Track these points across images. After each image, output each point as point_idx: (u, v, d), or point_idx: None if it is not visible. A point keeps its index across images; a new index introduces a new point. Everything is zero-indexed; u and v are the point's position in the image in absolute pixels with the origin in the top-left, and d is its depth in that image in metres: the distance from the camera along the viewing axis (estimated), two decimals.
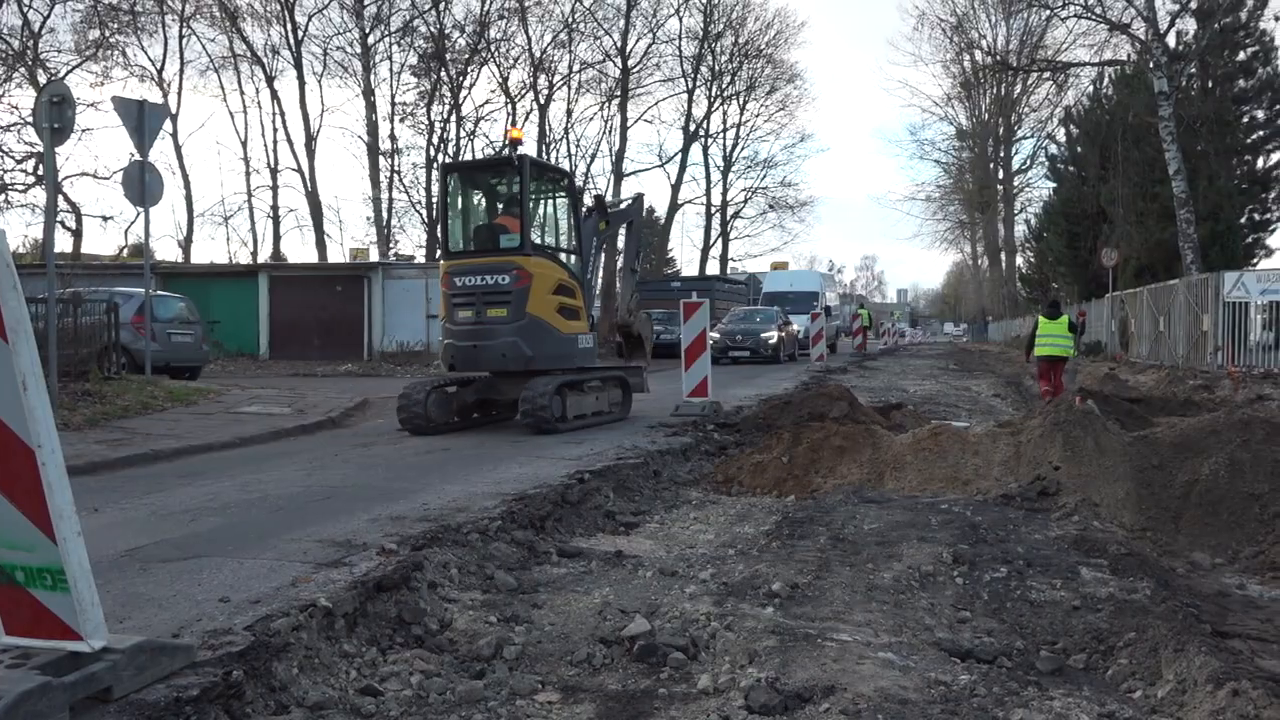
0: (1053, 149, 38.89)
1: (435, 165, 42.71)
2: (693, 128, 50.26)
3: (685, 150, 49.87)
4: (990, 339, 65.19)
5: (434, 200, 43.11)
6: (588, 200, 11.86)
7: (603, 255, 12.12)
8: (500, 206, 10.59)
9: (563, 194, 11.15)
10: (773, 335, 25.14)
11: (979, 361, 31.20)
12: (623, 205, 12.36)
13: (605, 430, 9.78)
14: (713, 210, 54.57)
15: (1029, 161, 54.57)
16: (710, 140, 53.69)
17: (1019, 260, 54.06)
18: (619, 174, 44.02)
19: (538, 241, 10.21)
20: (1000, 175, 55.93)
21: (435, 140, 43.27)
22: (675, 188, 49.83)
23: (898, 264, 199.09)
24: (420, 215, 44.60)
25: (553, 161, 41.20)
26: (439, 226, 10.78)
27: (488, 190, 10.89)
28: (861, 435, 7.45)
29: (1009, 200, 54.11)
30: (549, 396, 9.68)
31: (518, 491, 6.07)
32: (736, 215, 56.13)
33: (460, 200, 10.73)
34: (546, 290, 10.04)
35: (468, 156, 45.30)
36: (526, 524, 5.38)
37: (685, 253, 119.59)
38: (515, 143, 10.53)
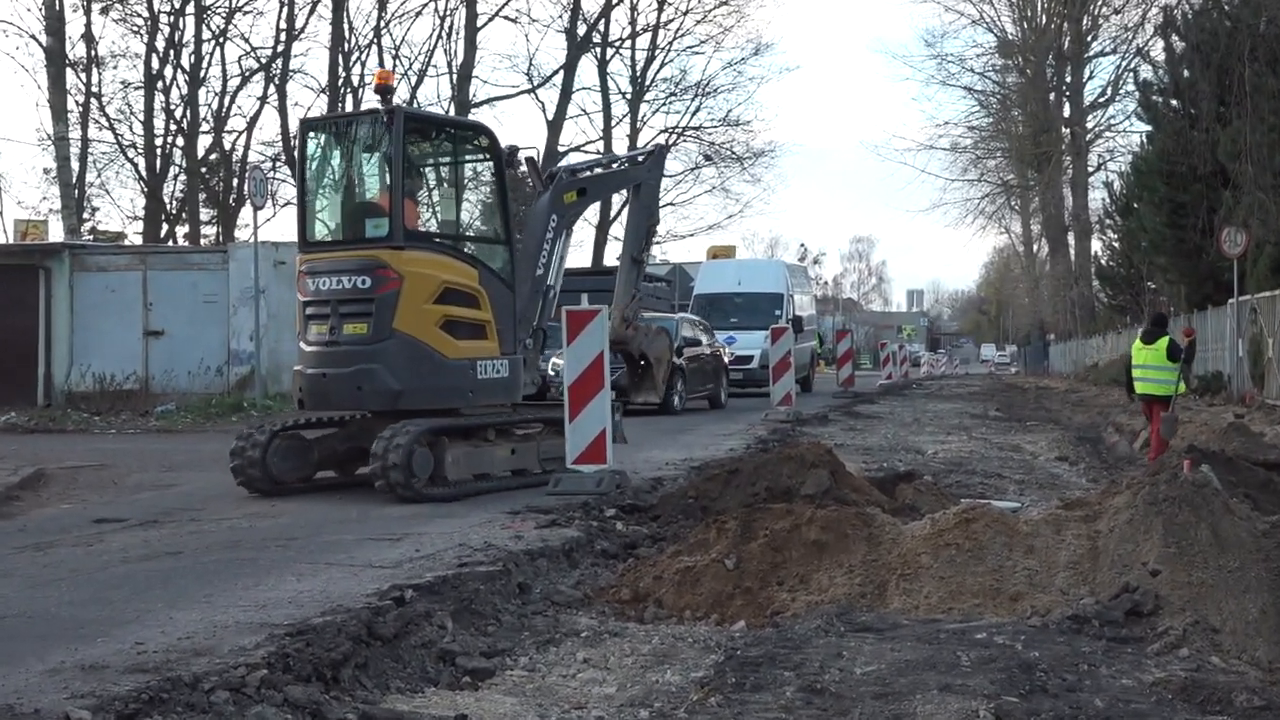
0: (1146, 72, 39.91)
1: (160, 88, 42.07)
2: (582, 31, 50.58)
3: (570, 67, 50.15)
4: (1053, 369, 66.80)
5: (160, 143, 42.41)
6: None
7: (565, 244, 13.03)
8: (380, 179, 11.53)
9: (478, 158, 12.22)
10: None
11: (1035, 404, 31.95)
12: (613, 165, 13.11)
13: (440, 518, 9.73)
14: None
15: (1110, 91, 56.24)
16: (611, 52, 54.11)
17: (1096, 245, 55.48)
18: (463, 102, 44.01)
19: (427, 228, 11.29)
20: (1066, 112, 57.52)
21: (160, 44, 42.60)
22: (555, 125, 50.04)
23: (907, 251, 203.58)
24: (135, 168, 43.81)
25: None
26: (297, 205, 12.12)
27: (362, 156, 11.74)
28: (851, 524, 7.53)
29: (1080, 152, 55.63)
30: (404, 450, 10.23)
31: (294, 621, 5.98)
32: None
33: (325, 170, 11.77)
34: (424, 298, 10.87)
35: (216, 71, 44.88)
36: (310, 674, 5.29)
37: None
38: (383, 89, 11.38)
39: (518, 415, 12.00)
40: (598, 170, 13.47)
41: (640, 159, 13.96)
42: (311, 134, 11.91)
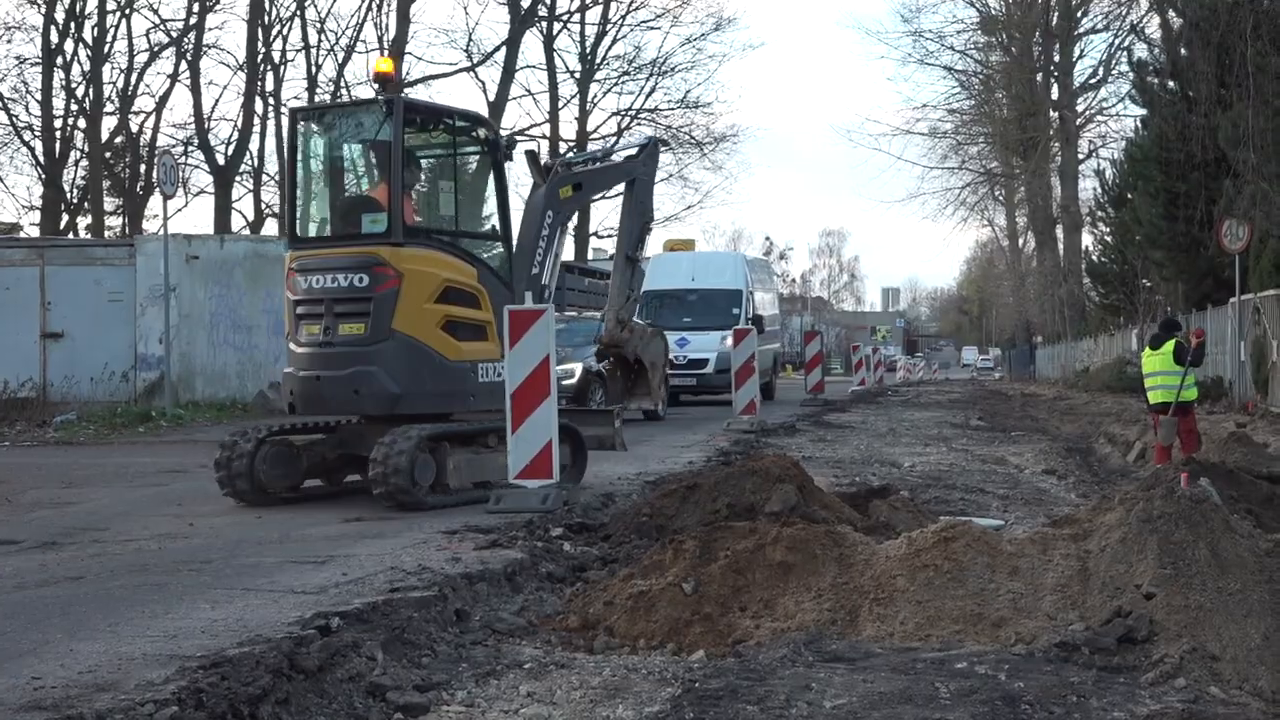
0: (1140, 51, 40.09)
1: (60, 64, 41.70)
2: (527, 3, 50.50)
3: (514, 43, 50.11)
4: (1040, 374, 67.22)
5: (60, 124, 42.04)
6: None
7: (561, 242, 13.44)
8: (377, 173, 11.96)
9: (475, 150, 12.64)
10: (573, 369, 22.47)
11: (1020, 412, 32.11)
12: (602, 158, 13.67)
13: (370, 538, 9.69)
14: (563, 148, 54.84)
15: (1101, 71, 56.61)
16: (558, 26, 54.09)
17: (1087, 239, 55.90)
18: (396, 81, 43.85)
19: (424, 223, 11.75)
20: (1055, 94, 57.85)
21: (60, 15, 42.25)
22: (496, 107, 49.99)
23: (882, 247, 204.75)
24: (32, 152, 43.43)
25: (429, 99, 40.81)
26: (286, 199, 12.77)
27: (356, 148, 12.28)
28: (820, 543, 7.54)
29: (1069, 138, 55.96)
30: (408, 456, 10.64)
31: (208, 652, 5.93)
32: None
33: (316, 162, 12.21)
34: (425, 297, 11.34)
35: (122, 45, 44.52)
36: (225, 711, 5.25)
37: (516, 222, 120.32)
38: (383, 78, 11.88)
39: None
40: (593, 164, 13.90)
41: (635, 153, 14.43)
42: (303, 124, 12.22)
